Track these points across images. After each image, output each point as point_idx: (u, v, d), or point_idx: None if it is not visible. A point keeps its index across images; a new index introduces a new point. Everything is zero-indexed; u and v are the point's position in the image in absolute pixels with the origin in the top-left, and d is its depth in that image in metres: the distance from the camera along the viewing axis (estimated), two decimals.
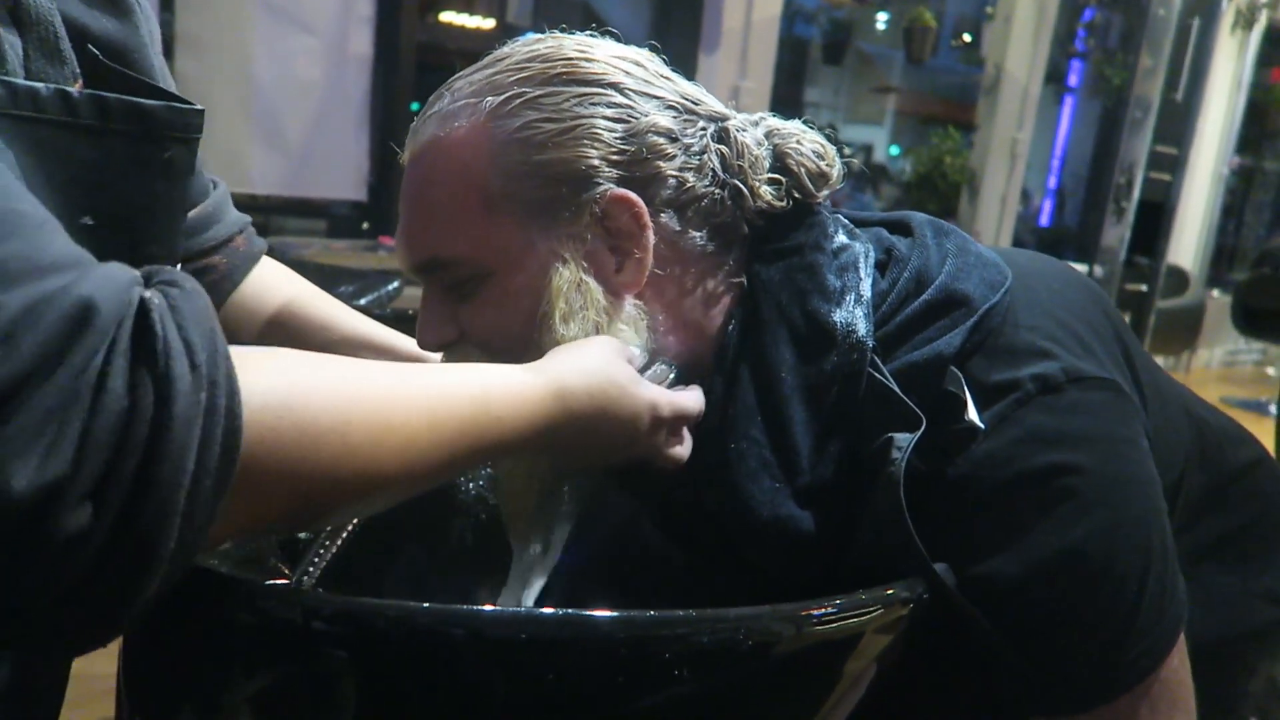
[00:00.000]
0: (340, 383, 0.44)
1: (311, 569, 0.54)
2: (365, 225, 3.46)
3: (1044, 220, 7.31)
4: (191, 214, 0.73)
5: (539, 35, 0.67)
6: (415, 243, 0.66)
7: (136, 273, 0.37)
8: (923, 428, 0.59)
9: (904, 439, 0.59)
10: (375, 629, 0.44)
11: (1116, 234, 3.61)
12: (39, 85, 0.45)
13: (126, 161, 0.49)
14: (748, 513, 0.62)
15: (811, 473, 0.62)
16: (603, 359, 0.59)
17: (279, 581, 0.53)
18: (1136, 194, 3.55)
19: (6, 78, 0.44)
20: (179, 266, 0.67)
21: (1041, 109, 5.02)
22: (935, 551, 0.58)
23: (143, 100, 0.49)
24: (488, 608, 0.48)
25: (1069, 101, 6.96)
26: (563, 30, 0.68)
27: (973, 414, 0.60)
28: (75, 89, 0.46)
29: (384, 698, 0.46)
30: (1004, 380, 0.61)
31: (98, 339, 0.33)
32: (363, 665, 0.45)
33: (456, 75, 0.66)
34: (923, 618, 0.58)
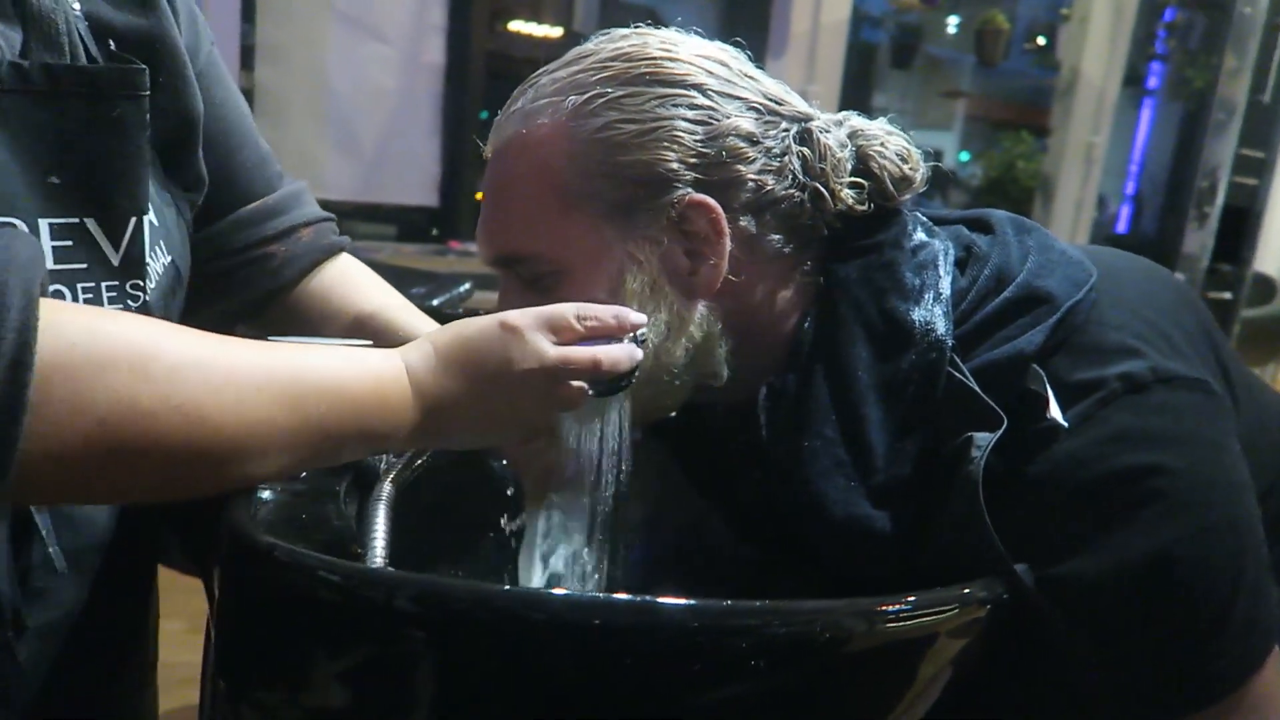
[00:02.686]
0: (147, 327, 0.46)
1: (383, 552, 0.55)
2: (435, 231, 3.52)
3: (1121, 227, 7.10)
4: (251, 206, 0.76)
5: (624, 31, 0.67)
6: (493, 237, 0.67)
7: None
8: (1003, 427, 0.58)
9: (984, 438, 0.58)
10: (454, 609, 0.45)
11: (1198, 240, 3.49)
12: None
13: (81, 121, 0.53)
14: (821, 511, 0.62)
15: (886, 472, 0.61)
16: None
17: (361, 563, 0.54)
18: (1220, 199, 3.43)
19: None
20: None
21: (1119, 112, 4.89)
22: (1014, 553, 0.57)
23: (86, 66, 0.53)
24: (562, 591, 0.48)
25: (1148, 104, 6.76)
26: (647, 24, 0.68)
27: (1055, 412, 0.58)
28: (26, 61, 0.51)
29: (461, 677, 0.47)
30: (1088, 379, 0.60)
31: None
32: (441, 645, 0.46)
33: (541, 70, 0.66)
34: (1000, 621, 0.57)
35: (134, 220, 0.56)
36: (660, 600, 0.46)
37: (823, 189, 0.65)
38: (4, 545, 0.55)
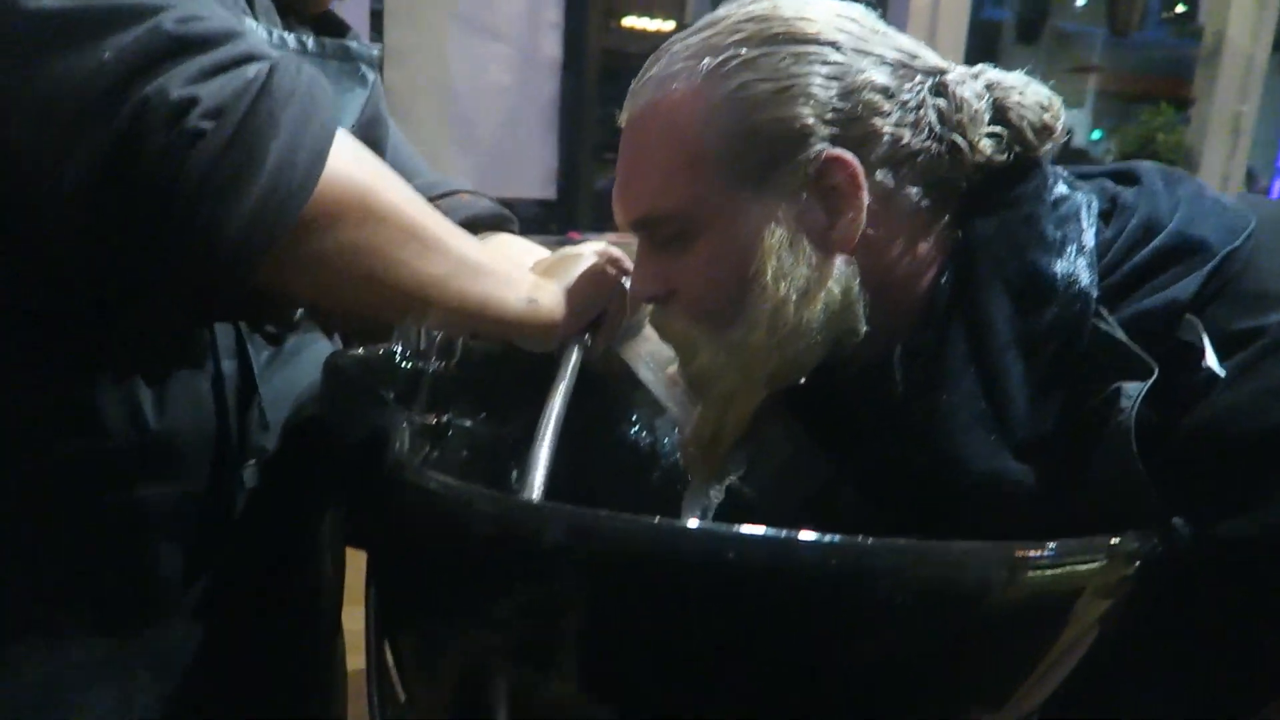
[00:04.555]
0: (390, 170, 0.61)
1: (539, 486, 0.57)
2: (553, 226, 3.59)
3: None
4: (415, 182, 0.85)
5: None
6: (631, 199, 0.68)
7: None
8: (1154, 376, 0.56)
9: (1134, 388, 0.56)
10: (603, 540, 0.46)
11: None
12: (289, 34, 0.70)
13: (333, 76, 0.73)
14: (961, 466, 0.61)
15: (1029, 426, 0.60)
16: None
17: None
18: None
19: (261, 22, 0.68)
20: None
21: (1269, 80, 4.57)
22: (1167, 508, 0.55)
23: (345, 42, 0.77)
24: (700, 524, 0.49)
25: None
26: None
27: (1212, 361, 0.56)
28: (303, 39, 0.72)
29: (605, 608, 0.49)
30: (1248, 328, 0.57)
31: (233, 35, 0.51)
32: (587, 575, 0.48)
33: (673, 38, 0.68)
34: (1151, 579, 0.54)
35: None
36: (799, 536, 0.46)
37: (960, 140, 0.64)
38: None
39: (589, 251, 0.77)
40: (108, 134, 0.47)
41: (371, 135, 0.81)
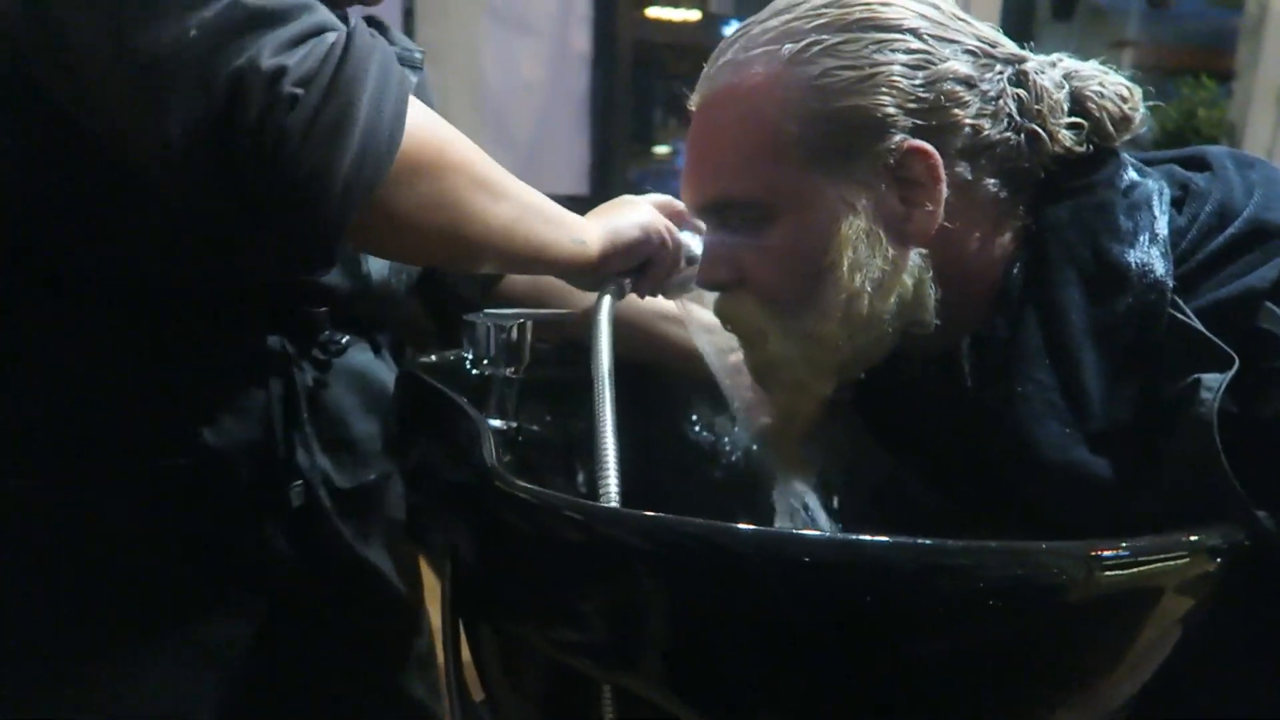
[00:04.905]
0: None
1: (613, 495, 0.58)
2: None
3: None
4: None
5: None
6: (707, 182, 0.68)
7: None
8: (1234, 367, 0.55)
9: (1214, 379, 0.55)
10: (684, 545, 0.47)
11: None
12: None
13: None
14: (1035, 457, 0.61)
15: (1105, 417, 0.60)
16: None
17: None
18: None
19: None
20: None
21: None
22: (1251, 502, 0.54)
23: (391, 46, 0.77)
24: (786, 529, 0.50)
25: None
26: None
27: None
28: None
29: (680, 608, 0.50)
30: None
31: (308, 7, 0.54)
32: (664, 576, 0.49)
33: (749, 21, 0.67)
34: (1237, 574, 0.54)
35: None
36: (878, 539, 0.47)
37: (1040, 130, 0.64)
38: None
39: (645, 201, 0.79)
40: (207, 104, 0.51)
41: None
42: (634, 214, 0.78)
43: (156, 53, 0.51)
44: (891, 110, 0.62)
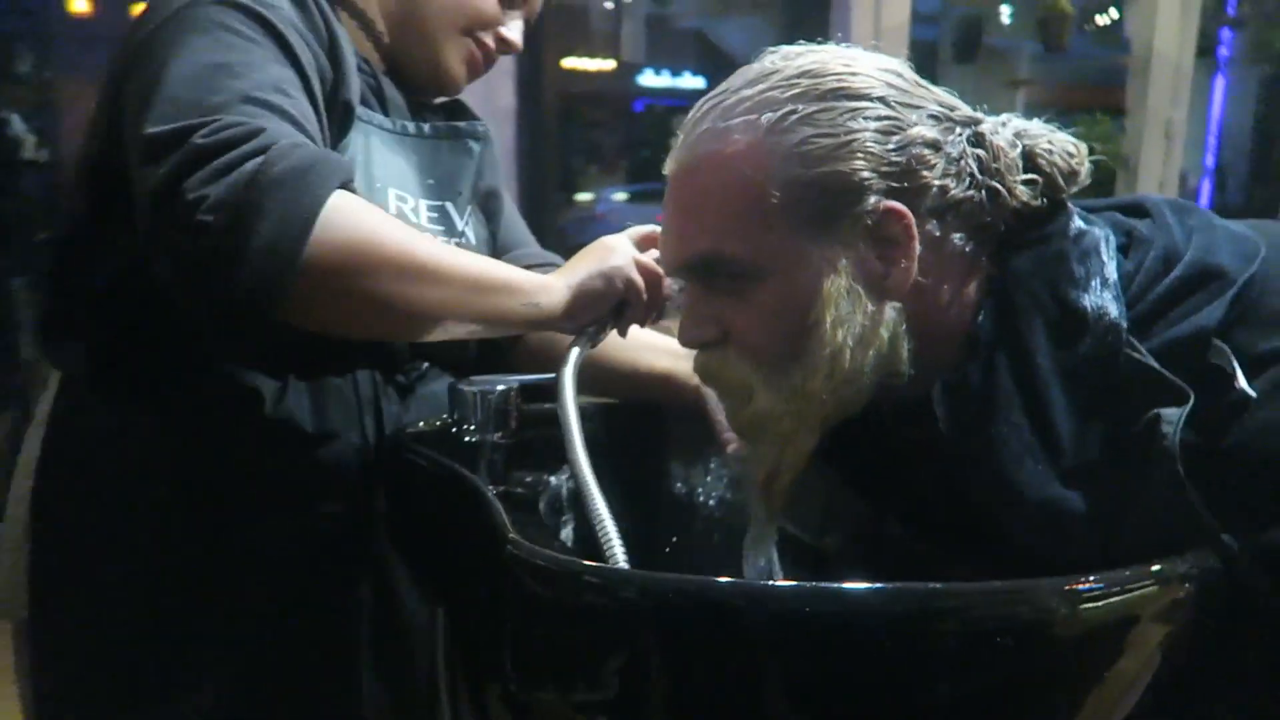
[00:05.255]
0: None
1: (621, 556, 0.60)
2: None
3: (1204, 201, 6.88)
4: (512, 253, 1.04)
5: (794, 49, 0.70)
6: (691, 240, 0.70)
7: (303, 139, 0.69)
8: (1190, 402, 0.59)
9: (1173, 413, 0.59)
10: (693, 603, 0.50)
11: None
12: (410, 122, 0.92)
13: (446, 150, 0.95)
14: (1015, 496, 0.64)
15: (1075, 454, 0.63)
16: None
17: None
18: None
19: (392, 118, 0.90)
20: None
21: (1194, 85, 4.75)
22: (1217, 526, 0.58)
23: (454, 123, 0.97)
24: (777, 583, 0.52)
25: (1221, 74, 6.55)
26: (815, 40, 0.71)
27: (1243, 383, 0.60)
28: (423, 124, 0.93)
29: (677, 665, 0.52)
30: (1273, 349, 0.61)
31: (253, 135, 0.66)
32: (683, 636, 0.51)
33: (721, 90, 0.70)
34: (1209, 600, 0.57)
35: (465, 209, 0.95)
36: (863, 587, 0.49)
37: (1000, 187, 0.68)
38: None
39: (618, 240, 0.85)
40: (162, 222, 0.65)
41: (489, 206, 1.02)
42: (598, 262, 0.83)
43: (151, 180, 0.65)
44: (867, 175, 0.65)
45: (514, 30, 0.97)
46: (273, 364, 0.80)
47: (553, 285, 0.80)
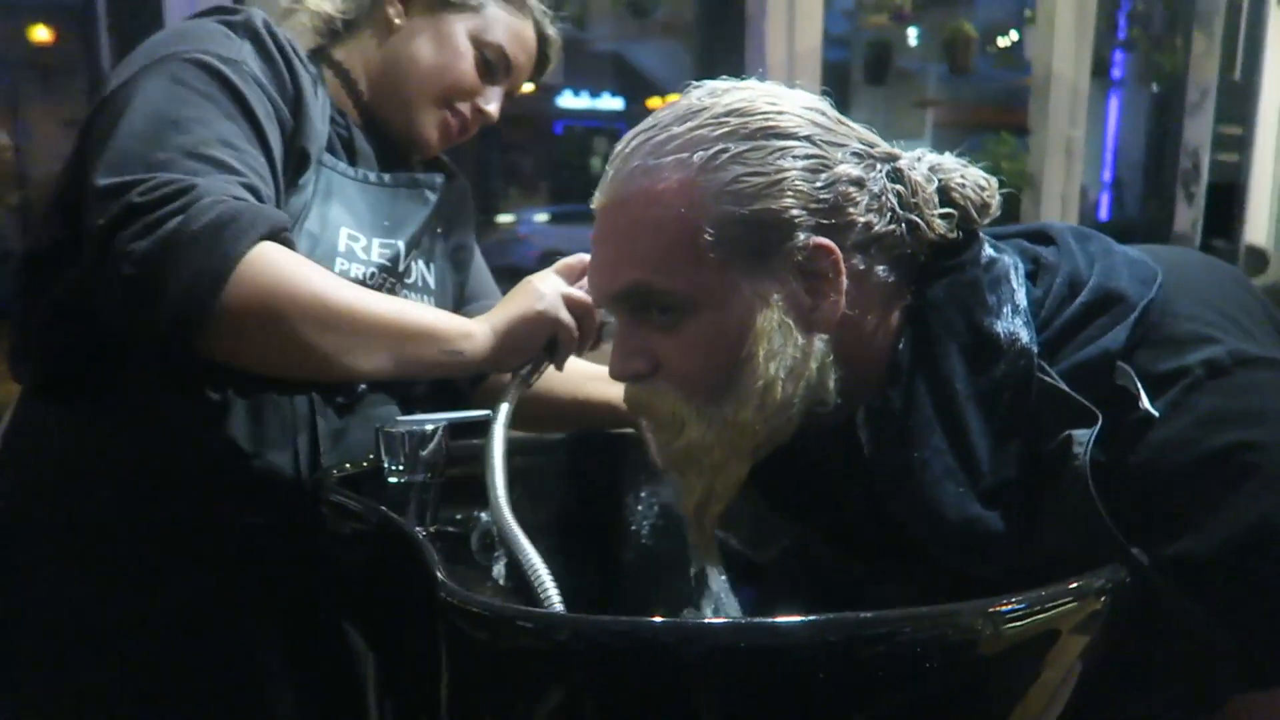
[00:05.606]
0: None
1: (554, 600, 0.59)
2: None
3: (1103, 215, 7.19)
4: (475, 304, 1.09)
5: (721, 85, 0.71)
6: (622, 271, 0.70)
7: (239, 191, 0.76)
8: (1099, 423, 0.62)
9: (1083, 434, 0.62)
10: (631, 645, 0.50)
11: (1189, 219, 3.57)
12: (371, 173, 0.97)
13: (404, 197, 0.99)
14: (936, 517, 0.66)
15: (993, 475, 0.65)
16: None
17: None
18: (1205, 177, 3.51)
19: (358, 167, 0.96)
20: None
21: (1088, 104, 4.97)
22: (1125, 539, 0.61)
23: (414, 174, 1.01)
24: (717, 620, 0.52)
25: (1115, 93, 6.88)
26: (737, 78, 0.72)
27: (1146, 404, 0.63)
28: (384, 174, 0.98)
29: (626, 707, 0.52)
30: (1172, 369, 0.64)
31: (182, 193, 0.73)
32: (612, 679, 0.51)
33: (650, 126, 0.70)
34: (1123, 609, 0.60)
35: (412, 251, 0.98)
36: (797, 619, 0.50)
37: (919, 220, 0.70)
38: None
39: (542, 279, 0.88)
40: (99, 267, 0.73)
41: (458, 258, 1.07)
42: (523, 306, 0.85)
43: (96, 230, 0.73)
44: (797, 212, 0.67)
45: (491, 101, 1.01)
46: (212, 380, 0.83)
47: (476, 332, 0.83)
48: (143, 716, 0.85)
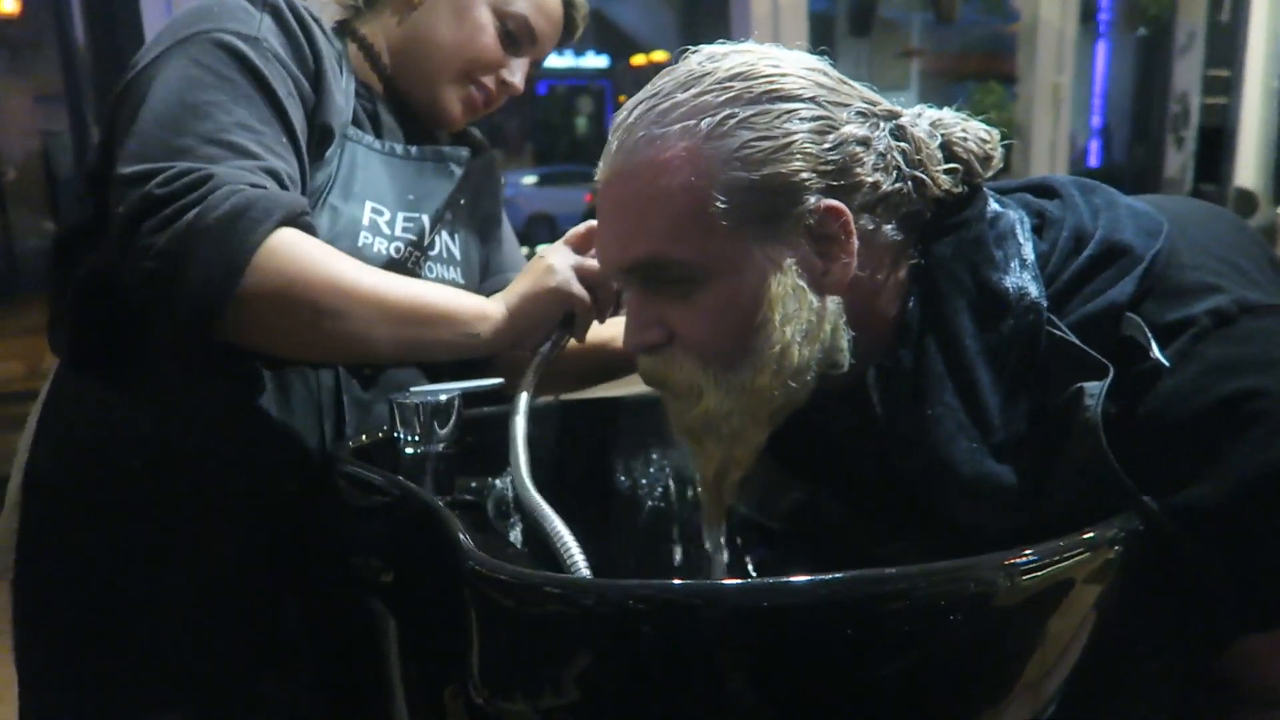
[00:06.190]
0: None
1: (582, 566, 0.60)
2: None
3: (1093, 161, 7.18)
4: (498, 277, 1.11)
5: (719, 49, 0.71)
6: (632, 243, 0.70)
7: (257, 177, 0.77)
8: (1110, 375, 0.63)
9: (1094, 387, 0.62)
10: (660, 608, 0.51)
11: (1179, 163, 3.56)
12: (398, 145, 0.97)
13: (430, 172, 0.99)
14: (950, 473, 0.66)
15: (1005, 429, 0.66)
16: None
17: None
18: (1194, 121, 3.50)
19: (383, 140, 0.97)
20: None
21: (1076, 50, 4.95)
22: (1138, 490, 0.61)
23: (440, 147, 1.02)
24: (737, 582, 0.53)
25: (1102, 39, 6.84)
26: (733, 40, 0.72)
27: (1157, 354, 0.63)
28: (410, 147, 0.99)
29: (653, 668, 0.53)
30: (1178, 319, 0.64)
31: (199, 184, 0.73)
32: (638, 641, 0.52)
33: (651, 94, 0.70)
34: (1135, 557, 0.61)
35: (437, 225, 0.99)
36: (812, 579, 0.51)
37: (924, 177, 0.70)
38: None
39: (553, 252, 0.89)
40: (123, 257, 0.74)
41: (485, 230, 1.08)
42: (536, 282, 0.86)
43: (118, 215, 0.75)
44: (806, 175, 0.66)
45: (516, 73, 1.00)
46: (238, 355, 0.83)
47: (492, 313, 0.84)
48: (167, 683, 0.87)
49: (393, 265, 0.90)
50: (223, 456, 0.87)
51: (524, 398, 0.79)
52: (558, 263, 0.86)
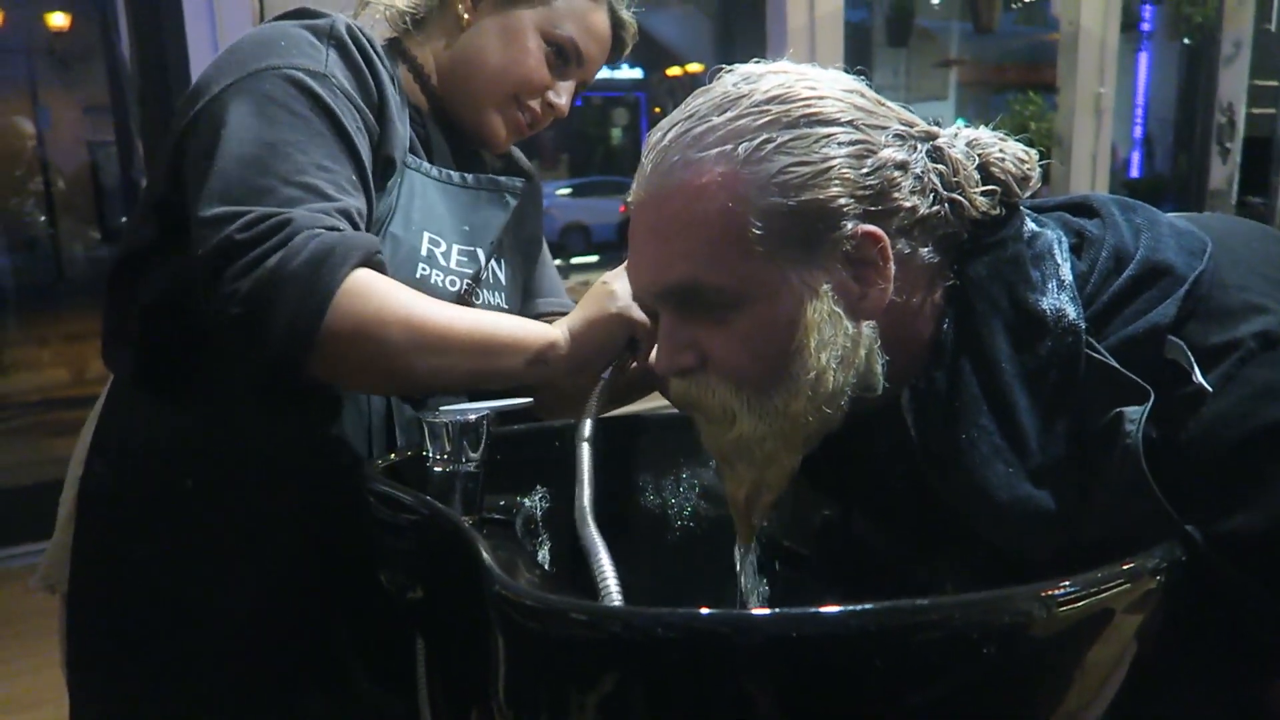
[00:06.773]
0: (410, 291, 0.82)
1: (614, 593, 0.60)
2: None
3: (1134, 172, 7.07)
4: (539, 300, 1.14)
5: (755, 69, 0.70)
6: (667, 267, 0.69)
7: (334, 220, 0.78)
8: (1151, 400, 0.61)
9: (1135, 411, 0.61)
10: (685, 637, 0.50)
11: (1224, 175, 3.49)
12: (454, 173, 0.99)
13: (485, 201, 1.01)
14: (986, 497, 0.65)
15: (1042, 453, 0.64)
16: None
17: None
18: (1241, 132, 3.43)
19: (438, 166, 0.98)
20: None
21: (1117, 60, 4.88)
22: (1179, 516, 0.60)
23: (494, 176, 1.03)
24: (766, 611, 0.52)
25: (1144, 48, 6.74)
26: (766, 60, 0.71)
27: (1199, 378, 0.62)
28: (466, 175, 1.00)
29: (679, 697, 0.52)
30: (1224, 341, 0.63)
31: (279, 228, 0.75)
32: (665, 669, 0.51)
33: (685, 116, 0.69)
34: (1176, 587, 0.59)
35: (494, 254, 1.02)
36: (853, 607, 0.49)
37: (962, 199, 0.69)
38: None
39: (614, 277, 0.89)
40: (209, 301, 0.76)
41: (528, 251, 1.10)
42: (599, 308, 0.86)
43: (200, 260, 0.76)
44: (844, 200, 0.65)
45: (562, 95, 1.00)
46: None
47: (558, 341, 0.85)
48: (217, 699, 0.89)
49: (450, 299, 0.92)
50: (277, 474, 0.88)
51: (588, 424, 0.79)
52: (620, 288, 0.86)
